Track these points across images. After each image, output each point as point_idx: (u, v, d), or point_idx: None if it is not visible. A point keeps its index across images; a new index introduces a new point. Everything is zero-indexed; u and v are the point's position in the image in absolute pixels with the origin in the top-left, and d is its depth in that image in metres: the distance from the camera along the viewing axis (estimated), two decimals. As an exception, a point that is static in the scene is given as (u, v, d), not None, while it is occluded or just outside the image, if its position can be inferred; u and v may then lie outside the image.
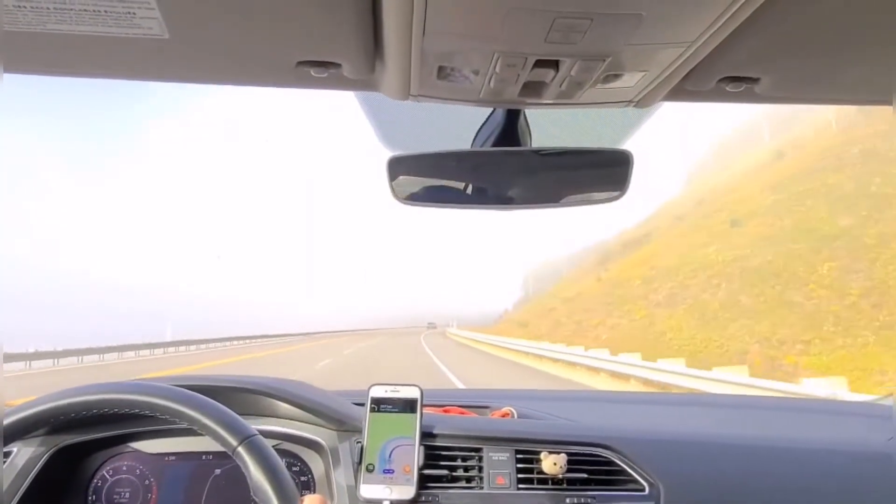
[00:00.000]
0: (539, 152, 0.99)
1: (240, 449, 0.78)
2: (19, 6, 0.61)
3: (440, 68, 0.72)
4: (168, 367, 20.16)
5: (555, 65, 0.69)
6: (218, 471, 1.13)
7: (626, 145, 1.09)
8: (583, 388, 11.25)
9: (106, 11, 0.62)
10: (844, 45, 0.72)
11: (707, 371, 10.62)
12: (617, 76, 0.73)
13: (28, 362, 24.36)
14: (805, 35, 0.69)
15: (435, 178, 1.02)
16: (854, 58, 0.75)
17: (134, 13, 0.62)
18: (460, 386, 10.41)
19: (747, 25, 0.63)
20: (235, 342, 44.11)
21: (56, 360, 26.55)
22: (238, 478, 0.85)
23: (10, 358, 21.57)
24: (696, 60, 0.70)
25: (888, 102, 0.87)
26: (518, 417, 1.30)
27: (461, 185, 1.02)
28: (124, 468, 1.14)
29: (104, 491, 1.13)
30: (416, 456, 1.02)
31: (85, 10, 0.61)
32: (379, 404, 1.06)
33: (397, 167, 0.99)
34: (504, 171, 1.01)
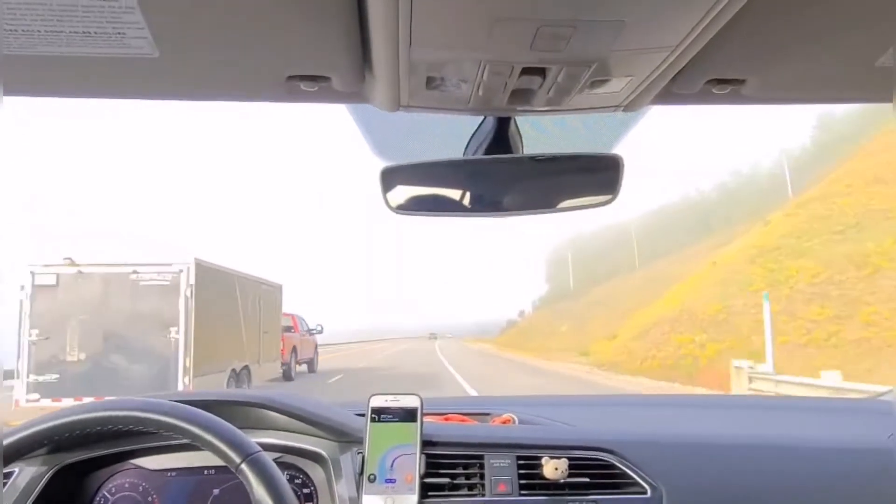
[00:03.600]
0: (531, 158, 1.00)
1: (243, 466, 0.79)
2: (11, 30, 0.61)
3: (429, 78, 0.73)
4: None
5: (541, 72, 0.70)
6: (216, 490, 1.13)
7: (617, 149, 1.10)
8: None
9: (96, 32, 0.62)
10: (828, 43, 0.72)
11: None
12: (604, 81, 0.74)
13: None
14: (789, 35, 0.70)
15: (428, 188, 1.03)
16: (838, 56, 0.75)
17: (123, 33, 0.63)
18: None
19: (730, 28, 0.63)
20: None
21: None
22: (241, 491, 0.85)
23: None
24: (681, 64, 0.71)
25: (872, 100, 0.88)
26: (519, 423, 1.31)
27: (454, 194, 1.03)
28: (126, 485, 1.13)
29: None
30: (418, 464, 1.02)
31: (75, 33, 0.62)
32: (379, 414, 1.06)
33: (391, 177, 1.00)
34: (497, 178, 1.02)
